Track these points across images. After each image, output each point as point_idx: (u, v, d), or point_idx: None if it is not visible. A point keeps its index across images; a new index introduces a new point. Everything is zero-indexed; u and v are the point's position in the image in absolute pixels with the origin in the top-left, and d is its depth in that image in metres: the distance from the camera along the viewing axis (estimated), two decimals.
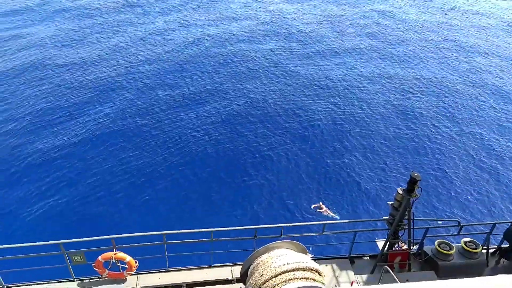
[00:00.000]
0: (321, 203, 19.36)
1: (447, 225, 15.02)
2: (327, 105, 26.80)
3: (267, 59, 32.45)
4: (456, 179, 21.46)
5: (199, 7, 42.41)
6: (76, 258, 9.48)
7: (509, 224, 11.03)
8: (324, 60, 32.69)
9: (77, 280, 9.88)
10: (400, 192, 9.74)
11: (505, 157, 22.99)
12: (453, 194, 20.57)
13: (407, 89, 29.10)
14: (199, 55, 32.54)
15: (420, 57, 33.90)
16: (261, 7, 43.11)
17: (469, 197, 20.39)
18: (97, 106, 25.79)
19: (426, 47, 35.89)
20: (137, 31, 36.49)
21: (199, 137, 23.27)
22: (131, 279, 9.94)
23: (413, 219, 10.12)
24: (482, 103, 27.92)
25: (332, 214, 18.83)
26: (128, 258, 9.60)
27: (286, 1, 45.03)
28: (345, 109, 26.53)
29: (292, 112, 26.01)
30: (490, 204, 20.11)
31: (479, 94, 28.96)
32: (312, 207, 19.37)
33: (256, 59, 32.42)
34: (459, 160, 22.71)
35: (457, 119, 26.01)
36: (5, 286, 9.61)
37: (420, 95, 28.43)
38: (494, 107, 27.50)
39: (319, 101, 27.14)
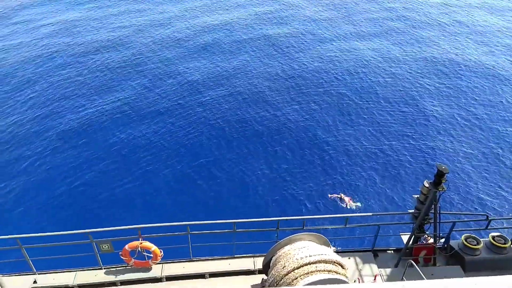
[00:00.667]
0: (342, 194, 19.09)
1: (475, 219, 14.63)
2: (347, 94, 26.35)
3: (282, 48, 32.12)
4: (483, 173, 20.81)
5: None
6: (103, 246, 9.78)
7: None
8: (341, 47, 32.10)
9: (104, 268, 10.19)
10: (427, 185, 9.51)
11: None
12: (478, 189, 19.95)
13: (429, 80, 28.28)
14: (212, 44, 32.56)
15: (445, 44, 32.85)
16: None
17: (494, 193, 19.74)
18: (113, 94, 26.24)
19: (451, 31, 34.76)
20: (153, 18, 36.96)
21: (213, 130, 23.26)
22: (156, 268, 10.19)
23: (440, 212, 9.90)
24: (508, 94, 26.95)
25: (354, 205, 18.57)
26: (153, 247, 9.83)
27: None
28: (366, 98, 26.04)
29: (306, 102, 25.70)
30: None
31: (506, 85, 27.91)
32: (329, 196, 19.10)
33: (271, 46, 32.18)
34: (484, 155, 22.01)
35: (483, 112, 25.17)
36: (37, 273, 10.02)
37: (445, 86, 27.59)
38: None
39: (337, 91, 26.73)
